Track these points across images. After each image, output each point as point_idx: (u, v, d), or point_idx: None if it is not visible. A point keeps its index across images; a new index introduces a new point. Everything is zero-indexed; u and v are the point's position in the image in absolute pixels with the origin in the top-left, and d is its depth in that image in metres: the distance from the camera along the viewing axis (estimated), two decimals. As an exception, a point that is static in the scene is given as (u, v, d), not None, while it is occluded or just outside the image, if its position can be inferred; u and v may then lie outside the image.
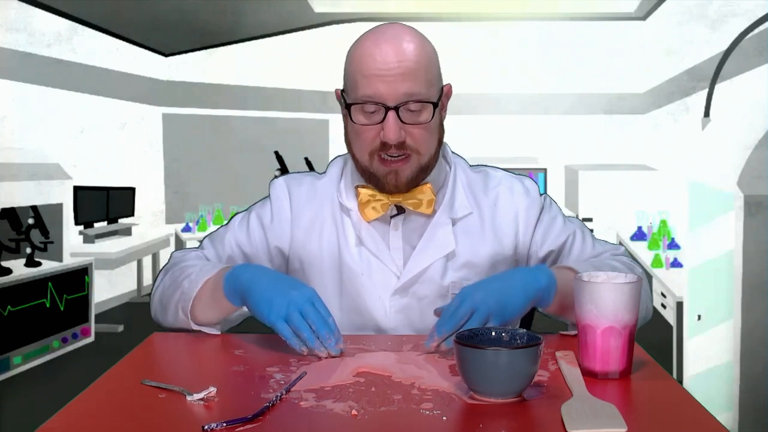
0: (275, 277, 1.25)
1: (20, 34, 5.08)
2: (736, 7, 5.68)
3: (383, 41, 1.30)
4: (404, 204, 1.38)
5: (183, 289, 1.32)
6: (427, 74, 1.30)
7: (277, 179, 1.49)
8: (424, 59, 1.31)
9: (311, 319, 1.16)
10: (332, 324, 1.17)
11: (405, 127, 1.29)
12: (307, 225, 1.43)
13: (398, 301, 1.39)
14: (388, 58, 1.28)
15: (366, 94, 1.29)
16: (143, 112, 6.29)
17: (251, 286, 1.22)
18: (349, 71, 1.33)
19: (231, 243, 1.46)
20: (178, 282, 1.34)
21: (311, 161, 5.69)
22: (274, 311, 1.17)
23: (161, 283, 1.40)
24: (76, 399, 1.00)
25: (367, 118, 1.30)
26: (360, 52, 1.31)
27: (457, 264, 1.39)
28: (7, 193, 4.32)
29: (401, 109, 1.28)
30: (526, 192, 1.44)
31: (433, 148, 1.35)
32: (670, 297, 3.79)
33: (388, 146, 1.30)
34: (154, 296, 1.42)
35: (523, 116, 6.95)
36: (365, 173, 1.36)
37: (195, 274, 1.32)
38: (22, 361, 3.90)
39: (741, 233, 2.78)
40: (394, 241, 1.40)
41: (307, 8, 6.55)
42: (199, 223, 6.14)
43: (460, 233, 1.40)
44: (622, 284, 1.07)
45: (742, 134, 2.93)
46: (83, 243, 5.46)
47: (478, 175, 1.46)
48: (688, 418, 0.94)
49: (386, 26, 1.34)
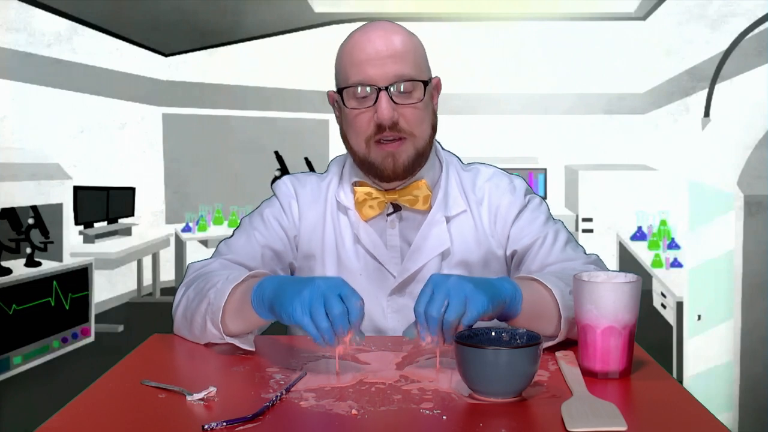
0: (302, 281, 1.15)
1: (20, 34, 5.08)
2: (736, 7, 5.67)
3: (371, 31, 1.34)
4: (400, 201, 1.38)
5: (209, 300, 1.22)
6: (415, 57, 1.34)
7: (281, 179, 1.50)
8: (411, 45, 1.35)
9: (332, 311, 1.05)
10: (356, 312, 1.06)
11: (398, 108, 1.31)
12: (312, 225, 1.43)
13: (395, 301, 1.39)
14: (377, 44, 1.32)
15: (357, 79, 1.31)
16: (143, 112, 6.29)
17: (278, 293, 1.13)
18: (339, 65, 1.36)
19: (254, 243, 1.41)
20: (203, 292, 1.25)
21: (311, 161, 5.69)
22: (299, 308, 1.07)
23: (184, 296, 1.32)
24: (76, 399, 1.00)
25: (360, 103, 1.32)
26: (349, 45, 1.35)
27: (453, 262, 1.39)
28: (7, 193, 4.32)
29: (392, 89, 1.30)
30: (511, 189, 1.43)
31: (427, 132, 1.36)
32: (670, 297, 3.79)
33: (382, 128, 1.31)
34: (176, 311, 1.32)
35: (523, 116, 6.94)
36: (363, 164, 1.36)
37: (222, 283, 1.24)
38: (22, 361, 3.89)
39: (741, 233, 2.79)
40: (392, 239, 1.40)
41: (307, 8, 6.55)
42: (199, 223, 6.13)
43: (455, 231, 1.40)
44: (622, 284, 1.07)
45: (742, 134, 2.93)
46: (83, 243, 5.46)
47: (469, 174, 1.47)
48: (688, 417, 0.94)
49: (373, 22, 1.38)
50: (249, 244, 1.41)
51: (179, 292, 1.35)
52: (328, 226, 1.42)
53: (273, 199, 1.48)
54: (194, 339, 1.27)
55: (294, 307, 1.07)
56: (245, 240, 1.42)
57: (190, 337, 1.28)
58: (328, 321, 1.05)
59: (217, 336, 1.22)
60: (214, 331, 1.21)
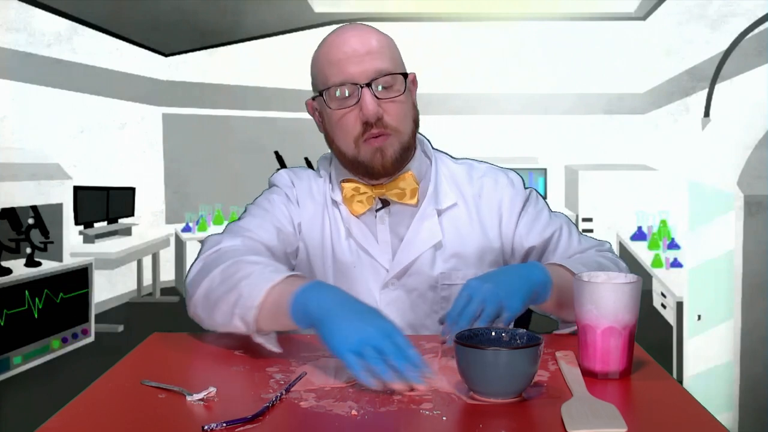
0: (352, 309, 1.10)
1: (20, 34, 5.08)
2: (736, 7, 5.68)
3: (345, 33, 1.37)
4: (388, 196, 1.40)
5: (241, 293, 1.17)
6: (391, 53, 1.37)
7: (279, 172, 1.52)
8: (386, 42, 1.37)
9: (387, 353, 1.01)
10: (413, 355, 1.02)
11: (381, 104, 1.33)
12: (309, 217, 1.45)
13: (388, 293, 1.40)
14: (352, 43, 1.34)
15: (338, 80, 1.33)
16: (143, 112, 6.29)
17: (325, 317, 1.08)
18: (316, 69, 1.39)
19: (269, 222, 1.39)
20: (234, 281, 1.19)
21: (311, 161, 5.69)
22: (346, 345, 1.03)
23: (208, 276, 1.24)
24: (76, 399, 1.00)
25: (342, 103, 1.34)
26: (324, 48, 1.37)
27: (446, 254, 1.41)
28: (7, 193, 4.32)
29: (374, 86, 1.32)
30: (510, 183, 1.46)
31: (410, 127, 1.38)
32: (670, 297, 3.79)
33: (368, 126, 1.33)
34: (196, 289, 1.25)
35: (523, 116, 6.94)
36: (353, 164, 1.38)
37: (256, 277, 1.18)
38: (22, 361, 3.90)
39: (741, 233, 2.79)
40: (382, 234, 1.41)
41: (307, 8, 6.55)
42: (199, 223, 6.13)
43: (447, 224, 1.42)
44: (622, 284, 1.07)
45: (742, 134, 2.93)
46: (83, 243, 5.46)
47: (461, 167, 1.48)
48: (688, 418, 0.94)
49: (344, 25, 1.41)
50: (263, 225, 1.39)
51: (197, 266, 1.29)
52: (324, 220, 1.44)
53: (274, 188, 1.49)
54: (212, 325, 1.24)
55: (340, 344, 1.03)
56: (259, 221, 1.39)
57: (208, 322, 1.25)
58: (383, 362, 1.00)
59: (243, 331, 1.18)
60: (241, 327, 1.18)
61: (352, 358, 1.01)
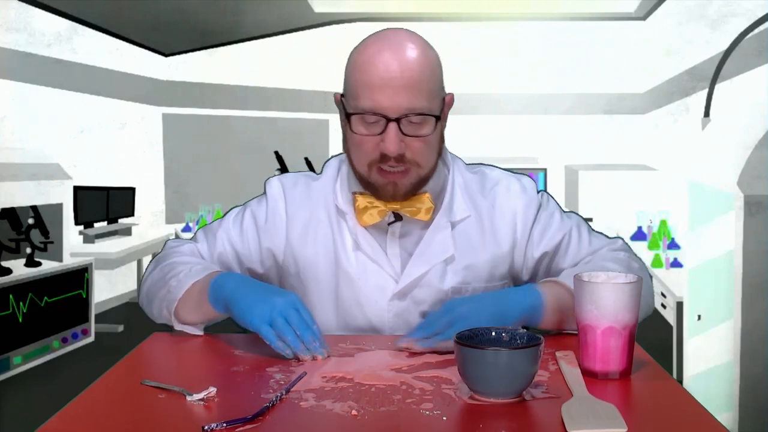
0: (257, 285, 1.27)
1: (20, 34, 5.08)
2: (736, 7, 5.67)
3: (386, 49, 1.26)
4: (402, 211, 1.36)
5: (169, 288, 1.33)
6: (429, 85, 1.28)
7: (272, 179, 1.47)
8: (427, 70, 1.28)
9: (295, 324, 1.16)
10: (316, 329, 1.18)
11: (405, 140, 1.27)
12: (302, 227, 1.41)
13: (396, 305, 1.37)
14: (391, 68, 1.24)
15: (367, 106, 1.26)
16: (143, 112, 6.29)
17: (234, 294, 1.23)
18: (350, 79, 1.30)
19: (223, 240, 1.44)
20: (166, 279, 1.35)
21: (311, 161, 5.68)
22: (257, 316, 1.18)
23: (150, 275, 1.41)
24: (76, 399, 1.00)
25: (367, 129, 1.28)
26: (362, 60, 1.28)
27: (457, 268, 1.37)
28: (7, 193, 4.32)
29: (402, 121, 1.25)
30: (523, 190, 1.42)
31: (433, 160, 1.33)
32: (670, 297, 3.79)
33: (387, 158, 1.27)
34: (143, 285, 1.43)
35: (523, 116, 6.94)
36: (363, 181, 1.34)
37: (183, 275, 1.33)
38: (22, 361, 3.89)
39: (741, 233, 2.78)
40: (392, 247, 1.38)
41: (307, 8, 6.55)
42: (199, 223, 6.13)
43: (459, 237, 1.38)
44: (622, 284, 1.07)
45: (742, 134, 2.93)
46: (83, 243, 5.46)
47: (474, 176, 1.44)
48: (688, 418, 0.94)
49: (390, 32, 1.31)
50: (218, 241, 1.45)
51: (150, 266, 1.44)
52: (323, 228, 1.40)
53: (261, 200, 1.46)
54: (152, 318, 1.40)
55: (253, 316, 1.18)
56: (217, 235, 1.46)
57: (149, 314, 1.40)
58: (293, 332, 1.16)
59: (170, 322, 1.35)
60: (168, 317, 1.34)
61: (267, 329, 1.16)
